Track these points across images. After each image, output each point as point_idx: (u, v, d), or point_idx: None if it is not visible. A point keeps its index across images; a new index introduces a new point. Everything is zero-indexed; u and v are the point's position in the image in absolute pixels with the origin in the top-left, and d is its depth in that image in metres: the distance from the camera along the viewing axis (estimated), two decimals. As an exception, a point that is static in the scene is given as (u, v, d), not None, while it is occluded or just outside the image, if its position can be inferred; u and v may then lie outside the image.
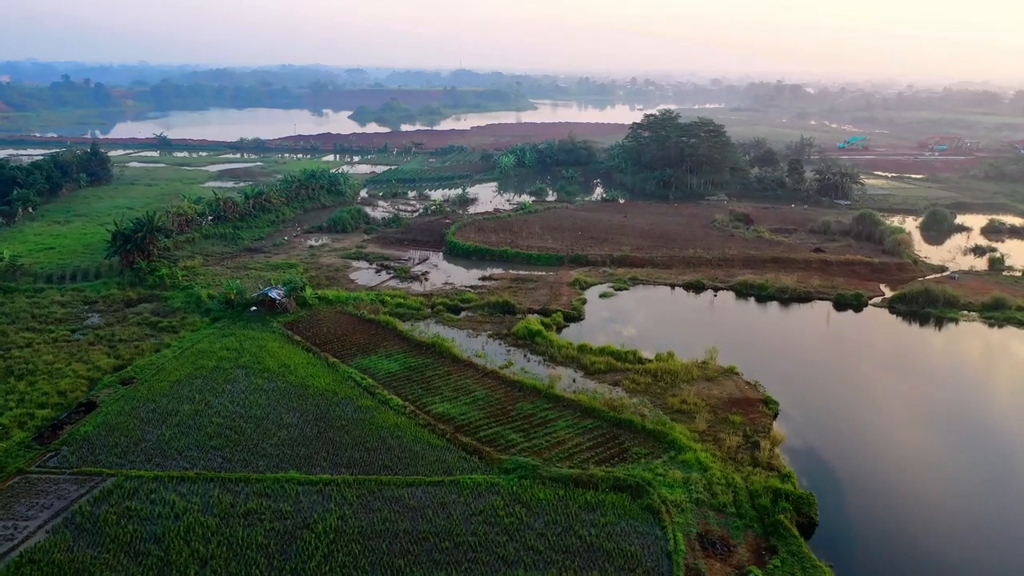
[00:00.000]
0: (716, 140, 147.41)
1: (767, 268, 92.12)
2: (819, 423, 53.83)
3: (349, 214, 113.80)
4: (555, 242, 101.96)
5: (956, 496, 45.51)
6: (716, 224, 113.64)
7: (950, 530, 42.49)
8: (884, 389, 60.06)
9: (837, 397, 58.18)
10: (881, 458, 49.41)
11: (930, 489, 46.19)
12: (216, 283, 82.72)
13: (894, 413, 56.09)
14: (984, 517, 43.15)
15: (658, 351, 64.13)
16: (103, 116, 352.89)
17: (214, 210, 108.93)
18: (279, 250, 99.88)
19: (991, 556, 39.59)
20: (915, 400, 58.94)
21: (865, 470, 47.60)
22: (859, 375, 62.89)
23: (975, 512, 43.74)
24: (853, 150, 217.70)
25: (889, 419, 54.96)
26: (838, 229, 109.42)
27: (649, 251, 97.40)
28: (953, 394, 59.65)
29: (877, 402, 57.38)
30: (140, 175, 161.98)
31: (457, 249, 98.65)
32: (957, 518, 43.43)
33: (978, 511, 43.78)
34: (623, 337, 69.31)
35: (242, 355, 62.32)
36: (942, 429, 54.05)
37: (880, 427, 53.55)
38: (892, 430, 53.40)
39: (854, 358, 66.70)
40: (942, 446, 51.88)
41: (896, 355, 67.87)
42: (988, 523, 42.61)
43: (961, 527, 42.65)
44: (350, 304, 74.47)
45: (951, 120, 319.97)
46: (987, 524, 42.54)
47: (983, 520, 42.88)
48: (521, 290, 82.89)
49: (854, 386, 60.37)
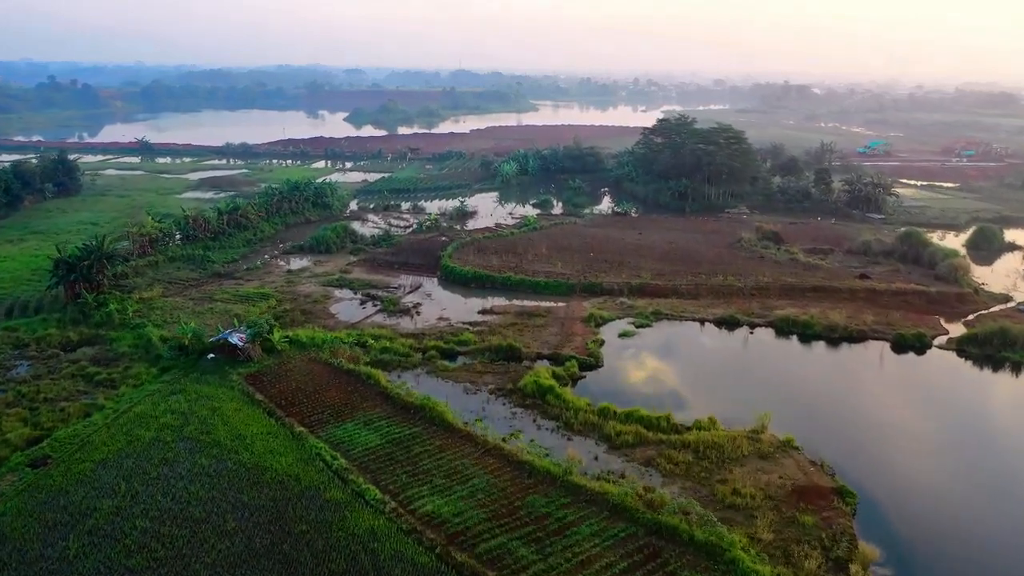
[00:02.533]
0: (736, 148, 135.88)
1: (807, 298, 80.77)
2: (916, 524, 42.26)
3: (334, 232, 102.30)
4: (564, 265, 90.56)
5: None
6: (743, 244, 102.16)
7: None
8: (985, 468, 48.52)
9: (930, 482, 46.73)
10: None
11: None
12: (174, 319, 71.40)
13: (1011, 507, 44.52)
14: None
15: (695, 411, 53.30)
16: (90, 118, 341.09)
17: (182, 228, 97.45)
18: (253, 275, 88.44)
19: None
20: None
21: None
22: (948, 446, 51.52)
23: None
24: (874, 155, 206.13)
25: (1008, 515, 43.45)
26: (880, 250, 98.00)
27: (671, 277, 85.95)
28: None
29: (982, 489, 45.90)
30: (114, 184, 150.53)
31: (454, 275, 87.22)
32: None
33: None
34: (651, 392, 57.96)
35: (189, 422, 50.97)
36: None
37: (1001, 526, 42.10)
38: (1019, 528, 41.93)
39: (933, 421, 55.36)
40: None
41: (988, 417, 56.51)
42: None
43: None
44: (326, 349, 62.99)
45: (969, 123, 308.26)
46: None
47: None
48: (527, 327, 71.49)
49: (946, 464, 49.00)
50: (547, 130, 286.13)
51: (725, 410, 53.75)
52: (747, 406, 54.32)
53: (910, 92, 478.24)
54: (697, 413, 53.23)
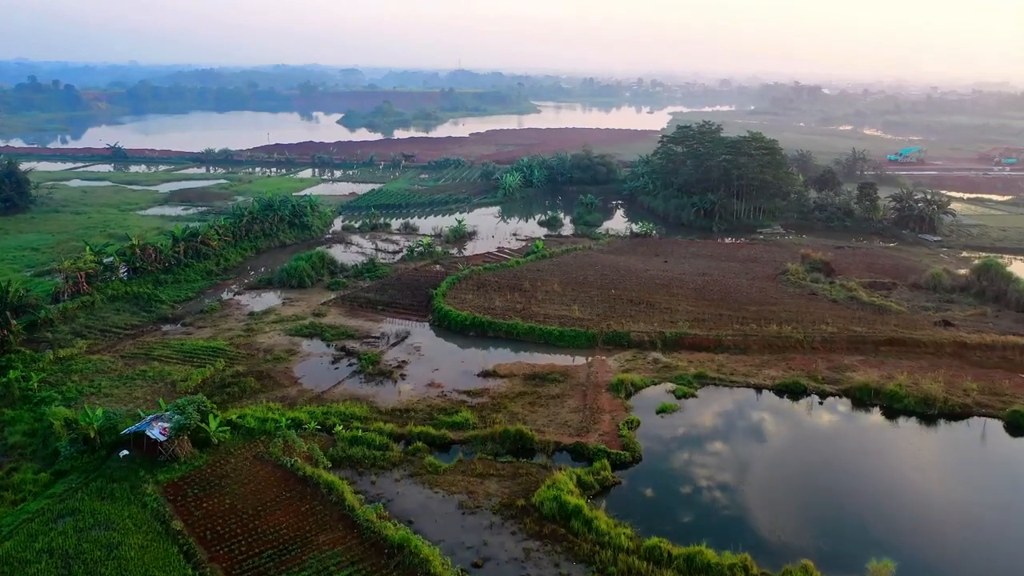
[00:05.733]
0: (770, 159, 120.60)
1: (881, 354, 65.84)
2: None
3: (309, 262, 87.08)
4: (580, 306, 75.53)
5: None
6: (789, 277, 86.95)
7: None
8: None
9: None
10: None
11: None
12: (95, 387, 56.53)
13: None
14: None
15: (778, 548, 38.61)
16: (72, 121, 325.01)
17: (128, 260, 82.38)
18: (207, 320, 73.35)
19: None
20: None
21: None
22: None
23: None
24: (907, 163, 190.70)
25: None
26: (953, 284, 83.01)
27: (712, 324, 70.81)
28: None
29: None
30: (73, 198, 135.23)
31: (449, 321, 72.07)
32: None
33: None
34: (711, 510, 43.00)
35: (71, 570, 35.99)
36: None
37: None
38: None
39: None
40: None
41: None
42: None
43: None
44: (278, 441, 47.80)
45: (996, 126, 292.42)
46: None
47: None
48: (540, 399, 56.49)
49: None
50: (551, 134, 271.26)
51: (820, 544, 38.99)
52: (850, 538, 39.66)
53: (927, 93, 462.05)
54: (784, 553, 38.31)
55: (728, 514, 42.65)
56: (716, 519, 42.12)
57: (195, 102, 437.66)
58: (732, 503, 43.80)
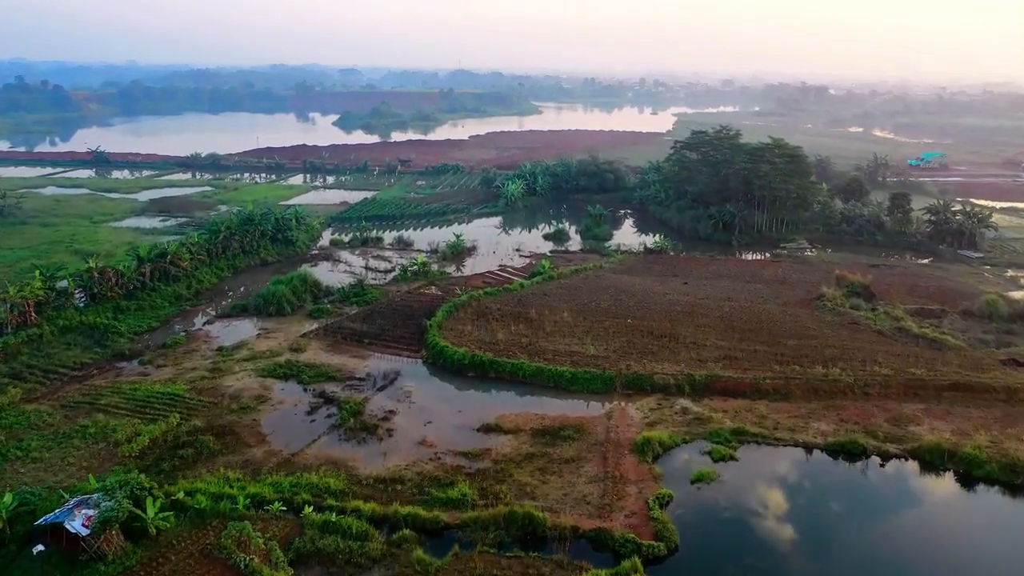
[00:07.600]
0: (794, 168, 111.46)
1: (946, 400, 56.98)
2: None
3: (290, 286, 78.08)
4: (594, 340, 66.55)
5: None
6: (826, 303, 77.83)
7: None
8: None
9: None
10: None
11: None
12: (21, 450, 47.60)
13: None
14: None
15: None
16: (59, 122, 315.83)
17: (85, 285, 73.36)
18: (168, 357, 64.30)
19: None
20: None
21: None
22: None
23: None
24: (930, 168, 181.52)
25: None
26: (1010, 312, 74.00)
27: (747, 363, 61.78)
28: None
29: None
30: (44, 208, 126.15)
31: (445, 358, 63.01)
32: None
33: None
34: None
35: None
36: None
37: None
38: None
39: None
40: None
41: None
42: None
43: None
44: (231, 531, 38.63)
45: (1011, 128, 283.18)
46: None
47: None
48: (552, 463, 47.55)
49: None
50: (553, 136, 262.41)
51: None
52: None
53: (936, 94, 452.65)
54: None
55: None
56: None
57: (189, 103, 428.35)
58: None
